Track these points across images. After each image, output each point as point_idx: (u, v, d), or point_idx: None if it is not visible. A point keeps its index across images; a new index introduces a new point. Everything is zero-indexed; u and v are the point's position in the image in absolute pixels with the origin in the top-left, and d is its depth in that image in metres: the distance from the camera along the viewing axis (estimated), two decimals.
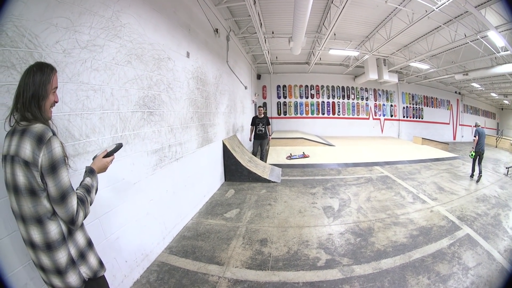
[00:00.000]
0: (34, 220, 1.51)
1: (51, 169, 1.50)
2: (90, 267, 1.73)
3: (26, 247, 1.59)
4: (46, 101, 1.60)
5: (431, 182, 8.10)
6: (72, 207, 1.57)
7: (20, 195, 1.49)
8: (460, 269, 3.64)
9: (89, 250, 1.77)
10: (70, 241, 1.64)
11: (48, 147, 1.49)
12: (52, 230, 1.54)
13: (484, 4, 8.37)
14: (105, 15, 2.92)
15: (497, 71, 13.51)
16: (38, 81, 1.55)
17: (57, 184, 1.52)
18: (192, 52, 5.69)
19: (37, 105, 1.55)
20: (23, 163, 1.45)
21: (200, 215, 5.56)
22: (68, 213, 1.56)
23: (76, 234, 1.69)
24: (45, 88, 1.57)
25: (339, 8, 7.92)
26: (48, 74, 1.59)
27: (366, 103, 21.40)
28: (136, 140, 3.60)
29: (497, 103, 28.45)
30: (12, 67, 1.95)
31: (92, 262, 1.76)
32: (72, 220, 1.58)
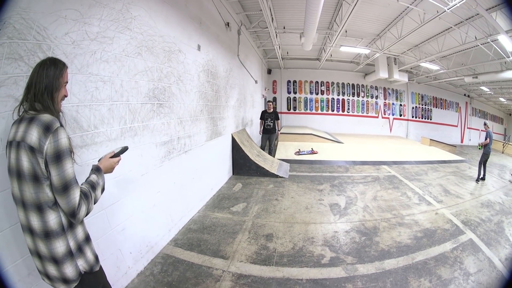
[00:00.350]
0: (35, 207, 1.52)
1: (56, 158, 1.51)
2: (87, 261, 1.74)
3: (24, 233, 1.60)
4: (58, 93, 1.63)
5: (437, 184, 8.02)
6: (74, 199, 1.57)
7: (23, 180, 1.51)
8: (461, 274, 3.60)
9: (86, 245, 1.77)
10: (70, 233, 1.64)
11: (54, 136, 1.50)
12: (51, 219, 1.55)
13: (495, 8, 8.25)
14: (115, 7, 2.92)
15: (506, 75, 13.32)
16: (52, 74, 1.58)
17: (60, 173, 1.52)
18: (203, 45, 5.68)
19: (51, 96, 1.58)
20: (28, 149, 1.47)
21: (207, 208, 5.59)
22: (69, 205, 1.55)
23: (76, 228, 1.69)
24: (58, 80, 1.61)
25: (351, 5, 7.85)
26: (60, 68, 1.63)
27: (376, 101, 21.21)
28: (145, 132, 3.62)
29: (506, 108, 28.02)
30: (20, 59, 1.96)
31: (89, 256, 1.76)
32: (73, 213, 1.58)
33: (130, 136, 3.27)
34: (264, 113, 10.19)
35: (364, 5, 9.10)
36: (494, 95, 21.86)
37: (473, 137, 24.73)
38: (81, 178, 1.78)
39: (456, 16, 9.20)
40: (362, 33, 12.75)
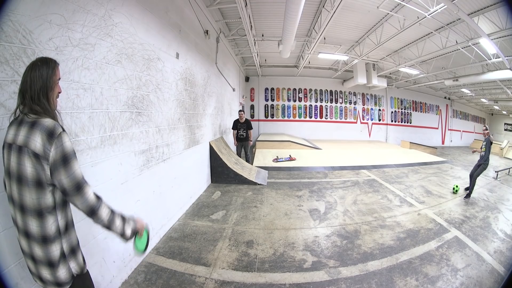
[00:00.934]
0: (35, 212, 1.51)
1: (64, 161, 1.52)
2: (78, 263, 1.75)
3: (19, 236, 1.60)
4: (53, 92, 1.64)
5: (419, 186, 8.27)
6: (90, 196, 1.61)
7: (24, 185, 1.50)
8: (449, 271, 3.74)
9: (78, 248, 1.79)
10: (65, 236, 1.66)
11: (59, 141, 1.50)
12: (50, 225, 1.55)
13: (477, 12, 8.58)
14: (98, 13, 2.91)
15: (487, 77, 13.70)
16: (45, 74, 1.57)
17: (70, 175, 1.54)
18: (182, 53, 5.68)
19: (46, 96, 1.58)
20: (32, 155, 1.46)
21: (187, 216, 5.54)
22: (87, 203, 1.60)
23: (71, 231, 1.72)
24: (51, 79, 1.61)
25: (330, 13, 8.02)
26: (52, 67, 1.63)
27: (354, 107, 21.68)
28: (124, 140, 3.58)
29: (487, 109, 28.93)
30: (6, 62, 1.93)
31: (80, 259, 1.77)
32: (92, 210, 1.63)
33: (109, 144, 3.23)
34: (236, 122, 10.11)
35: (344, 12, 9.27)
36: (475, 96, 22.57)
37: (454, 139, 25.72)
38: None
39: (436, 22, 9.48)
40: (341, 40, 12.99)
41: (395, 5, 8.92)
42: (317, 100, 20.91)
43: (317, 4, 9.27)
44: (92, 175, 2.87)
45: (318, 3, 9.19)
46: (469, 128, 27.16)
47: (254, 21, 10.38)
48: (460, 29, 9.90)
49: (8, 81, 1.92)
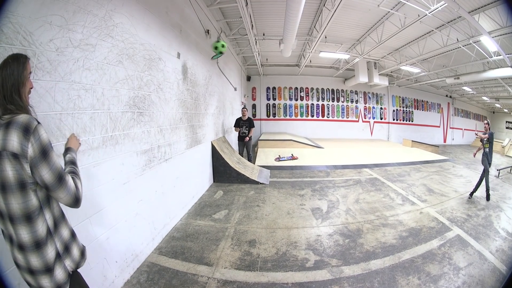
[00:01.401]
0: (24, 218, 1.48)
1: (43, 155, 1.50)
2: (73, 259, 1.73)
3: (14, 251, 1.56)
4: (24, 87, 1.59)
5: (421, 184, 8.23)
6: (71, 185, 1.61)
7: (9, 192, 1.45)
8: (451, 269, 3.71)
9: (73, 242, 1.77)
10: (56, 234, 1.64)
11: (35, 136, 1.47)
12: (40, 227, 1.53)
13: (477, 10, 8.56)
14: (98, 14, 2.92)
15: (489, 75, 13.68)
16: (16, 71, 1.54)
17: (51, 167, 1.52)
18: (183, 53, 5.69)
19: (18, 93, 1.54)
20: (11, 156, 1.41)
21: (189, 216, 5.55)
22: (71, 193, 1.60)
23: (61, 227, 1.69)
24: (22, 75, 1.57)
25: (331, 11, 8.02)
26: (23, 62, 1.59)
27: (356, 105, 21.64)
28: (126, 140, 3.59)
29: (489, 107, 28.75)
30: None
31: (75, 254, 1.76)
32: (76, 199, 1.63)
33: (111, 144, 3.24)
34: (239, 120, 10.07)
35: (344, 10, 9.29)
36: (477, 94, 22.43)
37: (456, 137, 25.62)
38: None
39: (437, 20, 9.46)
40: (342, 38, 12.98)
41: (396, 3, 8.90)
42: (319, 99, 20.88)
43: (317, 2, 9.27)
44: (94, 175, 2.88)
45: (319, 1, 9.20)
46: (471, 126, 27.01)
47: (255, 20, 10.40)
48: (461, 27, 9.89)
49: None
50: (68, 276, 1.68)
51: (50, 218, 1.61)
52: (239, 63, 15.16)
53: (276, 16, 9.97)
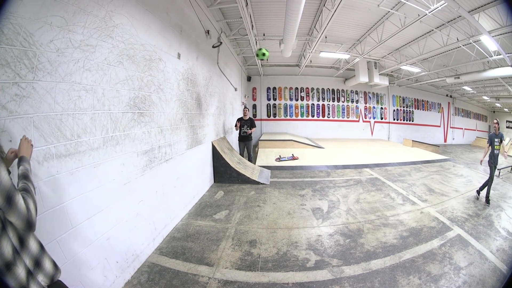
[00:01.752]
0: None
1: None
2: (46, 274, 1.63)
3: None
4: None
5: (421, 184, 8.23)
6: (21, 207, 1.43)
7: None
8: (451, 269, 3.71)
9: (43, 255, 1.66)
10: (23, 251, 1.53)
11: None
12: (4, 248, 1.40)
13: (477, 9, 8.55)
14: (98, 14, 2.92)
15: (489, 74, 13.65)
16: None
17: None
18: (183, 53, 5.69)
19: None
20: None
21: (190, 216, 5.55)
22: (21, 216, 1.43)
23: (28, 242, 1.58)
24: None
25: (331, 11, 8.01)
26: None
27: (356, 105, 21.61)
28: (127, 141, 3.59)
29: (489, 106, 28.77)
30: (7, 65, 1.94)
31: (47, 267, 1.66)
32: (28, 223, 1.46)
33: (112, 145, 3.25)
34: (240, 120, 10.06)
35: (345, 10, 9.30)
36: (477, 94, 22.39)
37: (456, 137, 25.63)
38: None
39: (437, 19, 9.46)
40: (342, 38, 12.96)
41: (396, 3, 8.90)
42: (319, 99, 20.86)
43: (317, 2, 9.27)
44: (95, 176, 2.89)
45: (319, 2, 9.19)
46: (471, 126, 27.03)
47: (255, 21, 10.39)
48: (461, 27, 9.88)
49: (10, 83, 1.93)
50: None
51: (14, 235, 1.49)
52: (240, 63, 15.15)
53: (276, 16, 9.97)
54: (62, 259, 2.36)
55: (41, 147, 2.25)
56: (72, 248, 2.50)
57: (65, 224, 2.45)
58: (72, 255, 2.49)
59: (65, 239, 2.43)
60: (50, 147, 2.30)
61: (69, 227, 2.48)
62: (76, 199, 2.59)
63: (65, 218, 2.45)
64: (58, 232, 2.37)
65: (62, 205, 2.42)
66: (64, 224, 2.44)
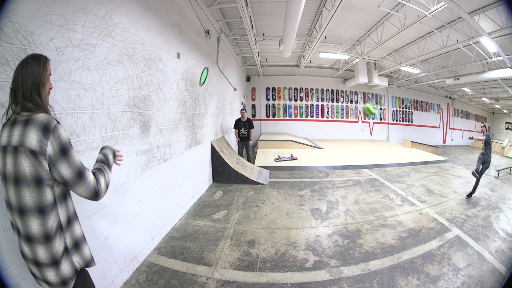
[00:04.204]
0: (36, 211, 1.50)
1: (63, 152, 1.54)
2: (83, 257, 1.75)
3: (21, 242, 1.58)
4: (44, 88, 1.62)
5: (420, 185, 8.24)
6: (91, 180, 1.66)
7: (23, 185, 1.48)
8: (450, 270, 3.72)
9: (84, 241, 1.81)
10: (68, 230, 1.67)
11: (55, 134, 1.51)
12: (51, 221, 1.55)
13: (477, 11, 8.59)
14: (98, 13, 2.92)
15: (488, 76, 13.73)
16: (36, 71, 1.56)
17: (71, 164, 1.57)
18: (183, 53, 5.68)
19: (38, 92, 1.56)
20: (30, 153, 1.45)
21: (188, 216, 5.55)
22: (90, 187, 1.65)
23: (74, 224, 1.74)
24: (42, 75, 1.59)
25: (331, 12, 8.03)
26: (43, 63, 1.61)
27: (356, 106, 21.65)
28: (126, 140, 3.59)
29: (488, 108, 28.83)
30: (6, 63, 1.94)
31: (86, 253, 1.79)
32: (96, 192, 1.68)
33: (111, 144, 3.23)
34: (238, 121, 10.05)
35: (344, 11, 9.32)
36: (476, 95, 22.46)
37: (455, 138, 25.69)
38: None
39: (437, 20, 9.48)
40: (342, 39, 12.99)
41: (396, 4, 8.91)
42: (319, 99, 20.90)
43: (317, 3, 9.28)
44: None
45: (319, 2, 9.21)
46: (470, 127, 27.09)
47: (255, 21, 10.40)
48: (460, 28, 9.90)
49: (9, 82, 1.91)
50: (75, 272, 1.69)
51: (64, 214, 1.65)
52: (239, 63, 15.16)
53: (276, 17, 9.98)
54: None
55: None
56: None
57: None
58: None
59: None
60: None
61: None
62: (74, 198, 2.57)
63: None
64: None
65: None
66: None
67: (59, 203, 1.62)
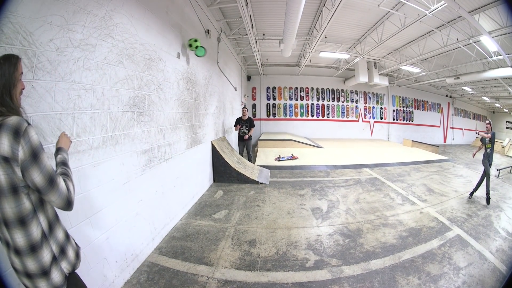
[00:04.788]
0: (18, 222, 1.46)
1: (33, 157, 1.46)
2: (69, 261, 1.72)
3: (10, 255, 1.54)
4: (15, 89, 1.55)
5: (421, 184, 8.23)
6: (63, 187, 1.57)
7: (2, 196, 1.42)
8: (451, 269, 3.71)
9: (68, 243, 1.76)
10: (51, 237, 1.62)
11: (25, 138, 1.42)
12: (34, 231, 1.51)
13: (478, 10, 8.57)
14: (98, 14, 2.92)
15: (489, 75, 13.67)
16: (7, 72, 1.50)
17: (42, 170, 1.48)
18: (183, 52, 5.68)
19: (9, 95, 1.50)
20: (2, 160, 1.38)
21: (189, 216, 5.55)
22: (62, 196, 1.56)
23: (56, 229, 1.68)
24: (13, 76, 1.53)
25: (331, 11, 8.01)
26: (14, 63, 1.55)
27: (356, 105, 21.63)
28: (126, 140, 3.59)
29: (489, 107, 28.70)
30: None
31: (70, 256, 1.75)
32: (68, 202, 1.59)
33: (111, 144, 3.24)
34: (239, 120, 10.04)
35: (345, 10, 9.31)
36: (477, 94, 22.36)
37: (456, 137, 25.65)
38: None
39: (437, 19, 9.45)
40: (342, 38, 12.97)
41: (396, 3, 8.89)
42: (319, 99, 20.87)
43: (317, 2, 9.28)
44: (94, 175, 2.88)
45: (319, 1, 9.20)
46: (471, 126, 27.02)
47: (255, 20, 10.40)
48: (461, 27, 9.88)
49: None
50: (65, 278, 1.67)
51: (45, 220, 1.59)
52: (239, 63, 15.16)
53: (276, 16, 9.98)
54: None
55: None
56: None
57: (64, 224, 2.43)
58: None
59: None
60: (49, 147, 2.29)
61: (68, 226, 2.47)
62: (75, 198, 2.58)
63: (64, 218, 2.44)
64: None
65: None
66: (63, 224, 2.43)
67: (38, 210, 1.56)
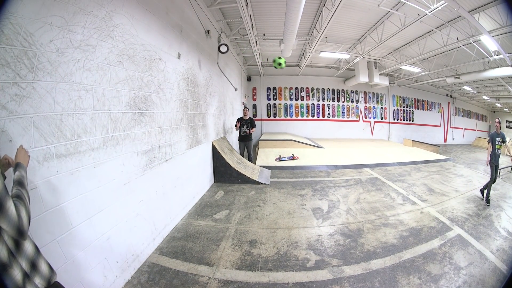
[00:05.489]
0: None
1: None
2: (42, 276, 1.62)
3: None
4: None
5: (421, 184, 8.23)
6: (12, 213, 1.40)
7: None
8: (451, 269, 3.71)
9: (38, 257, 1.64)
10: (19, 254, 1.51)
11: None
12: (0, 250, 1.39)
13: (478, 9, 8.56)
14: (98, 14, 2.93)
15: (489, 74, 13.66)
16: None
17: None
18: (183, 53, 5.69)
19: None
20: None
21: (190, 216, 5.55)
22: (12, 223, 1.39)
23: (23, 245, 1.55)
24: None
25: (331, 11, 8.01)
26: None
27: (356, 105, 21.60)
28: (127, 141, 3.59)
29: (489, 106, 28.73)
30: (7, 65, 1.94)
31: (43, 270, 1.64)
32: (19, 231, 1.43)
33: (112, 145, 3.25)
34: (240, 119, 10.03)
35: (345, 10, 9.30)
36: (477, 94, 22.34)
37: (456, 136, 25.64)
38: None
39: (437, 19, 9.45)
40: (342, 38, 12.96)
41: (396, 3, 8.90)
42: (319, 99, 20.85)
43: (318, 2, 9.27)
44: (95, 176, 2.89)
45: (319, 1, 9.19)
46: (471, 125, 27.03)
47: (255, 21, 10.40)
48: (461, 26, 9.88)
49: (10, 83, 1.93)
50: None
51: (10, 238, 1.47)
52: (240, 63, 15.16)
53: (276, 16, 9.97)
54: (62, 259, 2.37)
55: (41, 147, 2.25)
56: (72, 248, 2.50)
57: (65, 224, 2.45)
58: (72, 255, 2.49)
59: (65, 239, 2.43)
60: (50, 147, 2.30)
61: (69, 227, 2.49)
62: (76, 199, 2.59)
63: (65, 218, 2.45)
64: (58, 232, 2.37)
65: (62, 205, 2.42)
66: (64, 224, 2.44)
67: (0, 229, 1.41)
